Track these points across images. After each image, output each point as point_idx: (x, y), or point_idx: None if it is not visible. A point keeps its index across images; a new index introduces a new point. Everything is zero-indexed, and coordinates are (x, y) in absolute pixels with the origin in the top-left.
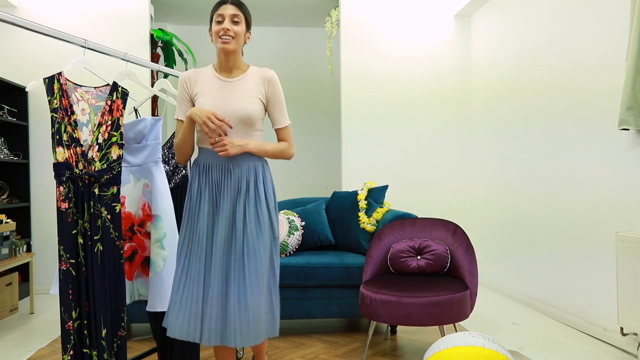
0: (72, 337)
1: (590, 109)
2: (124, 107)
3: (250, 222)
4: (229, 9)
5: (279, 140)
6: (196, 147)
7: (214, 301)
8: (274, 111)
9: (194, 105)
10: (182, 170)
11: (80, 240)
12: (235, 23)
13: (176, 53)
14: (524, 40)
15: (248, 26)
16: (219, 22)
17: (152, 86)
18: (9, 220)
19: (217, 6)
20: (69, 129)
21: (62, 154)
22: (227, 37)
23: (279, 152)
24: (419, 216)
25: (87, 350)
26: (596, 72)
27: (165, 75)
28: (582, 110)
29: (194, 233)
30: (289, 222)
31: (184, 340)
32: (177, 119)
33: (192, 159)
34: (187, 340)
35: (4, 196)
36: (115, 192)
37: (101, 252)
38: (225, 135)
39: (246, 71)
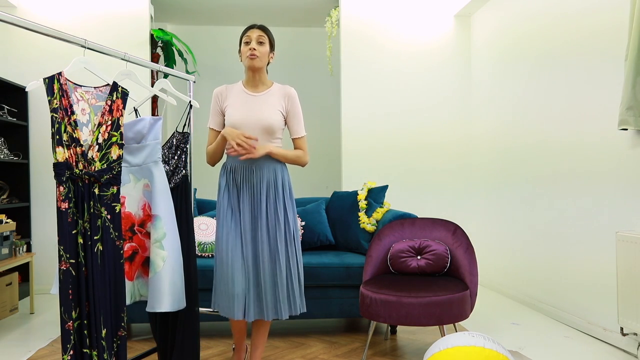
0: (72, 337)
1: (590, 108)
2: (124, 107)
3: (271, 215)
4: (255, 32)
5: (296, 148)
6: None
7: (250, 283)
8: (292, 123)
9: (224, 116)
10: (182, 170)
11: (80, 240)
12: (261, 44)
13: (176, 53)
14: (523, 40)
15: (272, 47)
16: (247, 43)
17: (152, 86)
18: (9, 220)
19: (246, 30)
20: (69, 129)
21: (62, 154)
22: (253, 56)
23: (295, 157)
24: (419, 216)
25: (87, 350)
26: (596, 71)
27: (165, 75)
28: (582, 109)
29: (224, 227)
30: None
31: (185, 338)
32: (210, 128)
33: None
34: (231, 318)
35: (4, 196)
36: (115, 192)
37: (101, 252)
38: (255, 147)
39: (270, 87)
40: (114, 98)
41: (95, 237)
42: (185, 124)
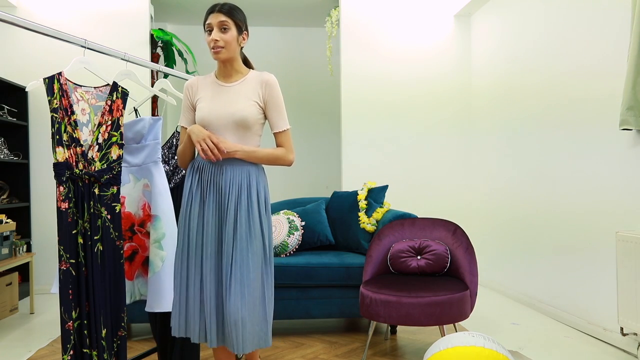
0: (72, 337)
1: (590, 108)
2: (124, 107)
3: (241, 227)
4: (217, 17)
5: (278, 145)
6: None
7: (211, 303)
8: (272, 114)
9: (196, 112)
10: (182, 171)
11: (80, 240)
12: (224, 31)
13: (176, 53)
14: (523, 40)
15: (241, 29)
16: (209, 32)
17: (152, 86)
18: (9, 220)
19: (207, 15)
20: (69, 129)
21: (62, 154)
22: (217, 48)
23: (273, 158)
24: (419, 216)
25: (87, 350)
26: (596, 71)
27: (165, 75)
28: (582, 110)
29: (188, 234)
30: (289, 222)
31: (185, 338)
32: (182, 126)
33: None
34: (191, 340)
35: (4, 196)
36: (115, 192)
37: (101, 252)
38: (219, 158)
39: (246, 75)
40: (114, 98)
41: (95, 237)
42: None
